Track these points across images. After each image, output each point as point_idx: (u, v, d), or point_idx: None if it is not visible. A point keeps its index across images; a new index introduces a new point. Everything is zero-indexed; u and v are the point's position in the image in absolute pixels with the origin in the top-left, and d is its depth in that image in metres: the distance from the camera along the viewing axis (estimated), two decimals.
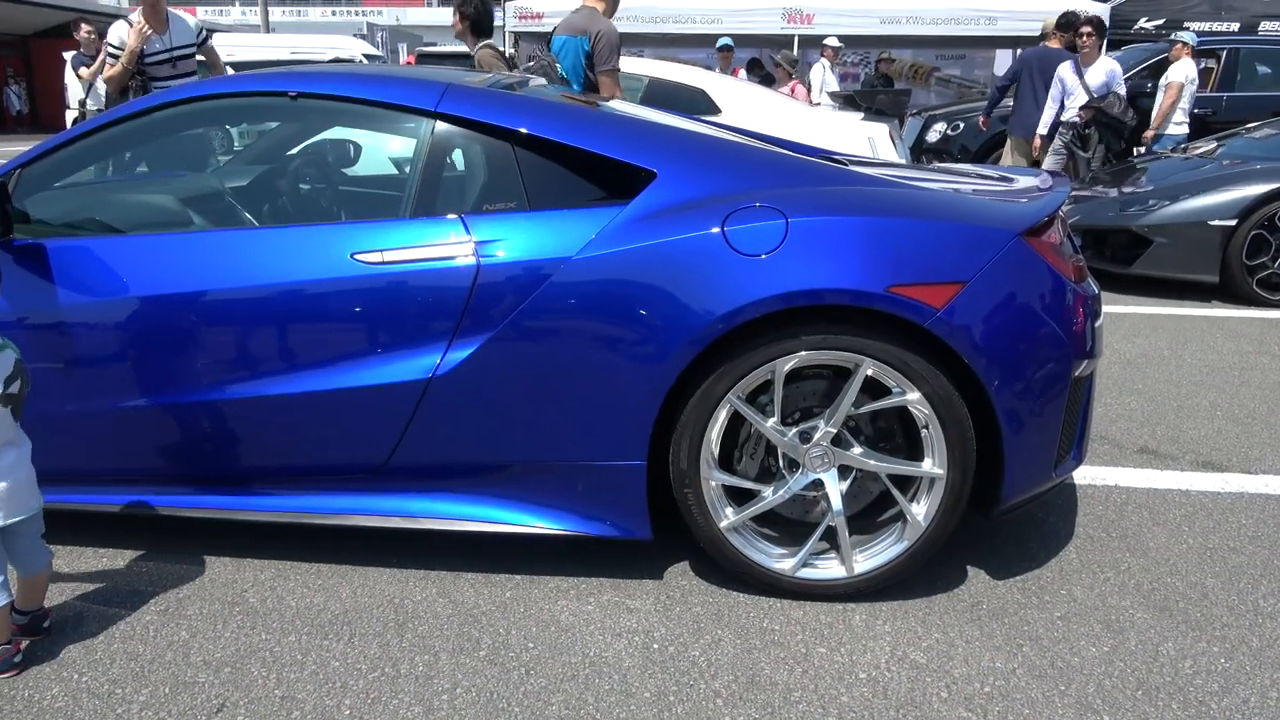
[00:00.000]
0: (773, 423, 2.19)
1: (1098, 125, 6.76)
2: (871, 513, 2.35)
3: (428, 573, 2.40)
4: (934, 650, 2.08)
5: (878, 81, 11.16)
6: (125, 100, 4.94)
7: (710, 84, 5.77)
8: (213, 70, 5.45)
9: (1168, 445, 3.32)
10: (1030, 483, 2.23)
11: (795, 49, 11.09)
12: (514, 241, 2.21)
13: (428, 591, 2.32)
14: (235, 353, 2.28)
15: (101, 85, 9.01)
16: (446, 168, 2.40)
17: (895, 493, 2.21)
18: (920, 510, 2.20)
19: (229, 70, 5.56)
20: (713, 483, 2.21)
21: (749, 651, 2.08)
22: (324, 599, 2.29)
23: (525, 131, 2.32)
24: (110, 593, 2.32)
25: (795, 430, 2.21)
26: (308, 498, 2.39)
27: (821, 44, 10.08)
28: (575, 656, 2.06)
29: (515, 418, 2.23)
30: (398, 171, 3.64)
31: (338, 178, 3.40)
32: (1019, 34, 11.66)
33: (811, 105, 7.27)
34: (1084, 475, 3.00)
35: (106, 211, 2.78)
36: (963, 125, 9.16)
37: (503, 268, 2.19)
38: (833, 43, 9.95)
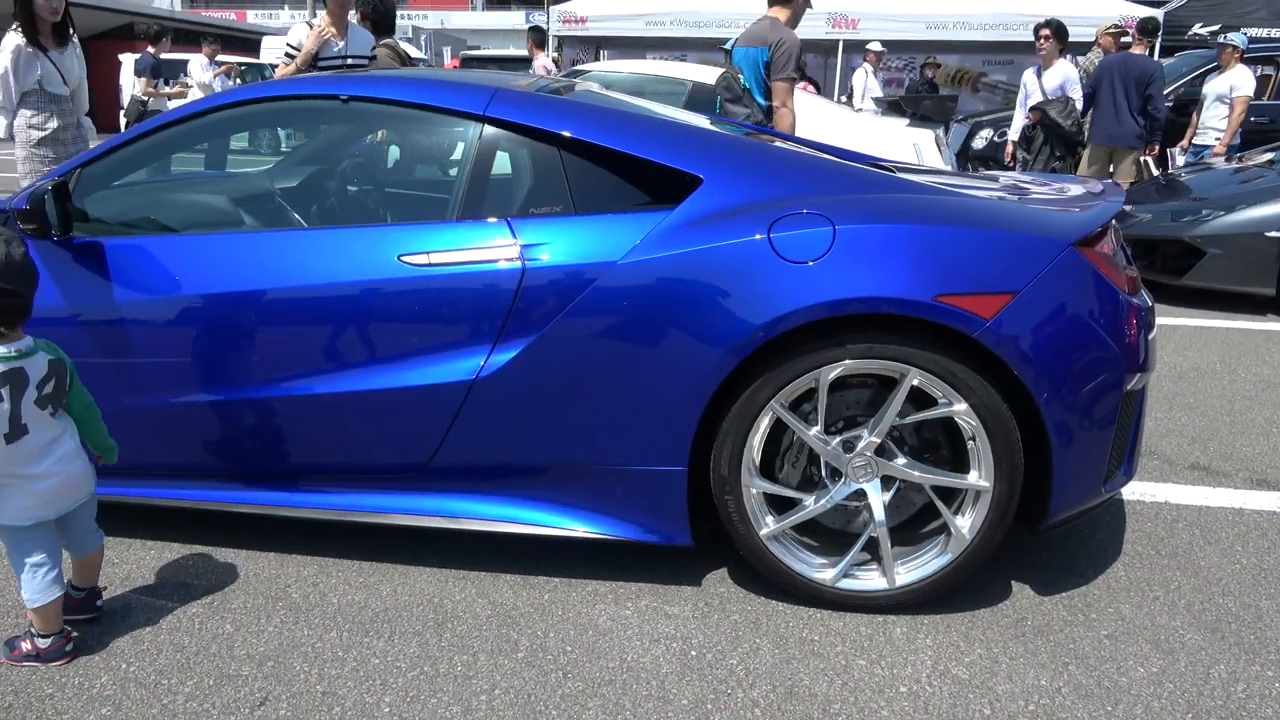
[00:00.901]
0: (816, 431, 2.17)
1: (1042, 127, 6.72)
2: (914, 524, 2.32)
3: (467, 573, 2.42)
4: (977, 666, 2.05)
5: (922, 87, 11.05)
6: None
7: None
8: None
9: (1220, 462, 3.23)
10: (1079, 498, 2.19)
11: (840, 54, 11.03)
12: (559, 245, 2.21)
13: (467, 591, 2.34)
14: (283, 352, 2.32)
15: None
16: (493, 171, 2.41)
17: (939, 505, 2.18)
18: (965, 523, 2.16)
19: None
20: (754, 490, 2.20)
21: (788, 661, 2.06)
22: (365, 596, 2.31)
23: (572, 136, 2.33)
24: (157, 585, 2.36)
25: (839, 439, 2.19)
26: (351, 495, 2.41)
27: (865, 49, 10.01)
28: (613, 661, 2.06)
29: (557, 421, 2.24)
30: (445, 174, 3.68)
31: (386, 180, 3.44)
32: (1069, 39, 11.46)
33: (855, 110, 7.20)
34: (1133, 491, 2.94)
35: (161, 211, 2.84)
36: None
37: (548, 271, 2.20)
38: (876, 47, 9.88)
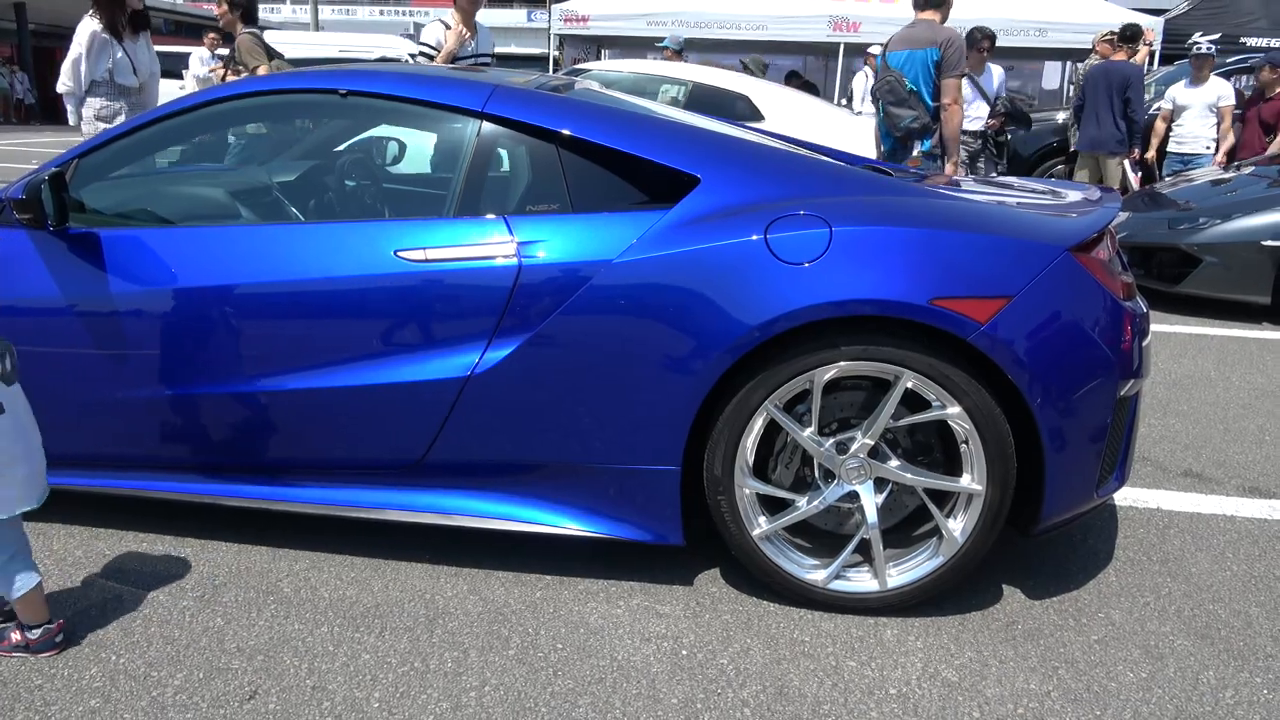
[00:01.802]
0: (809, 432, 2.18)
1: (1011, 119, 7.00)
2: (907, 527, 2.32)
3: (459, 569, 2.42)
4: (967, 669, 2.05)
5: None
6: None
7: (754, 90, 5.76)
8: None
9: (1213, 469, 3.24)
10: (1071, 502, 2.19)
11: (840, 57, 11.04)
12: (556, 243, 2.21)
13: (459, 588, 2.34)
14: (278, 346, 2.31)
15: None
16: (491, 168, 2.41)
17: (932, 508, 2.19)
18: (957, 526, 2.17)
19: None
20: (746, 491, 2.20)
21: (778, 662, 2.06)
22: (356, 591, 2.31)
23: (570, 134, 2.33)
24: (149, 577, 2.36)
25: (832, 441, 2.20)
26: (344, 491, 2.41)
27: (866, 52, 10.01)
28: (603, 659, 2.06)
29: (551, 419, 2.24)
30: (443, 171, 3.68)
31: (383, 175, 3.44)
32: (1069, 45, 11.50)
33: (854, 113, 7.21)
34: (1126, 497, 2.94)
35: (157, 202, 2.84)
36: (1010, 135, 9.04)
37: (544, 269, 2.20)
38: (877, 51, 9.87)
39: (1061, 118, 9.14)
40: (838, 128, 5.47)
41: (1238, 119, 7.51)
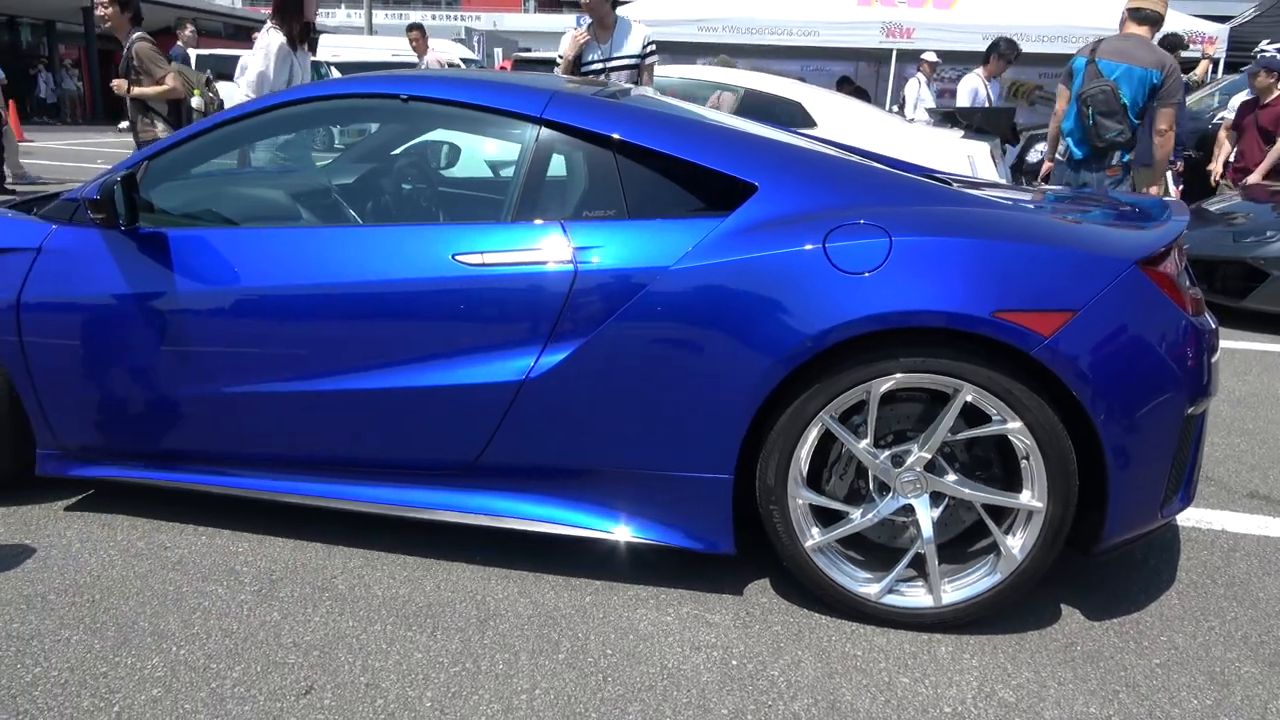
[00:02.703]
0: (865, 444, 2.15)
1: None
2: (963, 542, 2.28)
3: (509, 571, 2.43)
4: (1024, 690, 2.01)
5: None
6: None
7: (806, 97, 5.72)
8: (644, 81, 4.91)
9: None
10: (1134, 522, 2.14)
11: (892, 63, 10.93)
12: (612, 249, 2.22)
13: (509, 590, 2.35)
14: (336, 346, 2.35)
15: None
16: (548, 173, 2.42)
17: (990, 524, 2.15)
18: (1016, 543, 2.12)
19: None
20: (799, 501, 2.18)
21: (830, 676, 2.04)
22: (409, 590, 2.34)
23: (627, 140, 2.33)
24: (208, 570, 2.41)
25: (888, 453, 2.17)
26: (398, 490, 2.44)
27: (919, 59, 9.90)
28: (653, 667, 2.06)
29: (605, 424, 2.24)
30: (500, 175, 3.71)
31: (439, 179, 3.48)
32: None
33: (907, 120, 7.14)
34: (1190, 518, 2.86)
35: (222, 203, 2.90)
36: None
37: (599, 275, 2.20)
38: (930, 58, 9.76)
39: None
40: (891, 135, 5.41)
41: (1234, 128, 7.29)
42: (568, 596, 2.33)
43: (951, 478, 2.17)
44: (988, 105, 7.59)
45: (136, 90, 5.07)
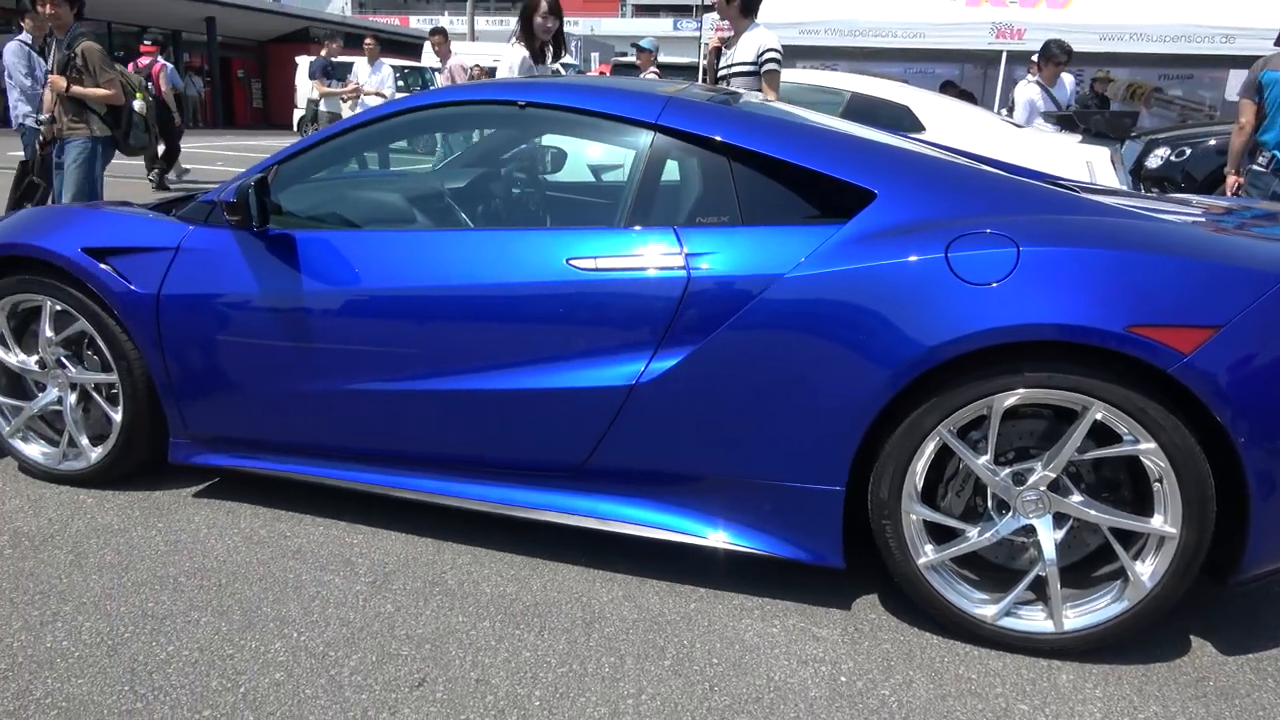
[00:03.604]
0: (985, 460, 2.08)
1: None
2: (1087, 566, 2.18)
3: (614, 575, 2.44)
4: None
5: (1092, 101, 10.48)
6: None
7: (915, 100, 5.59)
8: (765, 93, 4.80)
9: None
10: (1277, 553, 2.01)
11: (1002, 65, 10.59)
12: (725, 256, 2.21)
13: (614, 593, 2.36)
14: (451, 346, 2.40)
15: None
16: (662, 179, 2.43)
17: (1118, 548, 2.05)
18: (1145, 570, 2.02)
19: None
20: (913, 516, 2.13)
21: (943, 699, 1.98)
22: (516, 589, 2.37)
23: (743, 146, 2.32)
24: (325, 560, 2.50)
25: (1008, 470, 2.09)
26: (507, 490, 2.48)
27: (1030, 60, 9.56)
28: (760, 679, 2.03)
29: (714, 432, 2.23)
30: (613, 180, 3.75)
31: (549, 183, 3.53)
32: (1258, 53, 10.62)
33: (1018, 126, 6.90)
34: None
35: (342, 206, 3.01)
36: (1189, 151, 8.43)
37: (712, 281, 2.19)
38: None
39: None
40: (1004, 140, 5.23)
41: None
42: (672, 603, 2.33)
43: (1077, 498, 2.08)
44: (1060, 111, 7.24)
45: (77, 89, 5.10)
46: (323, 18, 30.41)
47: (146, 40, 12.27)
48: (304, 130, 15.45)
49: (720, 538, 2.30)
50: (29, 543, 2.54)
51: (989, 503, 2.16)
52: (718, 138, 2.35)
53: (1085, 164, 4.98)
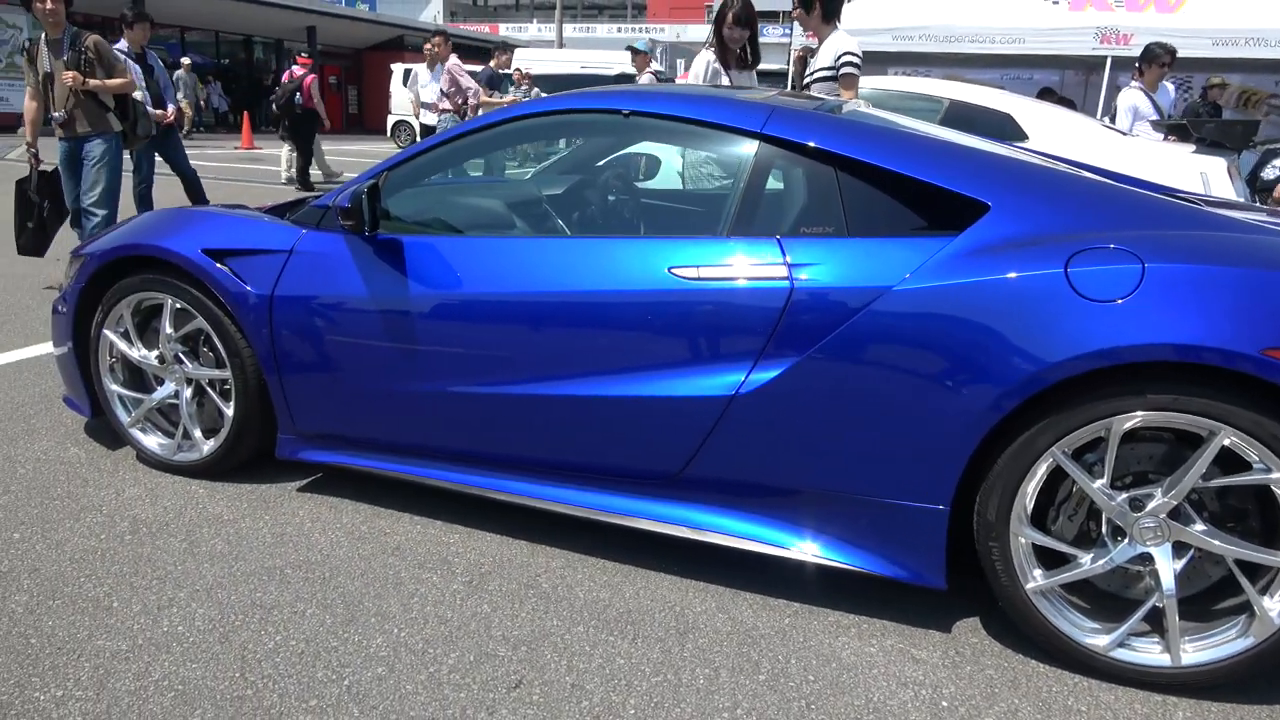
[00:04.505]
0: (1100, 484, 2.00)
1: None
2: (1208, 599, 2.07)
3: (707, 585, 2.43)
4: None
5: (1204, 109, 10.02)
6: None
7: (1017, 108, 5.43)
8: (841, 94, 4.70)
9: None
10: None
11: (1106, 71, 10.22)
12: (830, 267, 2.18)
13: (707, 604, 2.35)
14: (551, 352, 2.43)
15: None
16: (766, 188, 2.41)
17: (1244, 581, 1.94)
18: (1274, 606, 1.91)
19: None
20: (1022, 540, 2.06)
21: None
22: (609, 595, 2.38)
23: (850, 156, 2.28)
24: (423, 558, 2.55)
25: (1125, 495, 2.01)
26: (602, 496, 2.49)
27: (1134, 66, 9.19)
28: (858, 699, 1.99)
29: (814, 445, 2.20)
30: (716, 189, 3.74)
31: (645, 191, 3.54)
32: None
33: (1127, 134, 6.64)
34: None
35: (446, 211, 3.07)
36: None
37: (816, 292, 2.17)
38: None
39: None
40: (1112, 149, 5.03)
41: None
42: (766, 616, 2.30)
43: (1199, 527, 1.98)
44: (1166, 120, 6.95)
45: (95, 83, 5.15)
46: (416, 26, 31.23)
47: (303, 53, 12.83)
48: (407, 139, 15.80)
49: (815, 552, 2.27)
50: (146, 529, 2.67)
51: (1103, 528, 2.07)
52: (824, 147, 2.32)
53: (1200, 175, 4.76)
